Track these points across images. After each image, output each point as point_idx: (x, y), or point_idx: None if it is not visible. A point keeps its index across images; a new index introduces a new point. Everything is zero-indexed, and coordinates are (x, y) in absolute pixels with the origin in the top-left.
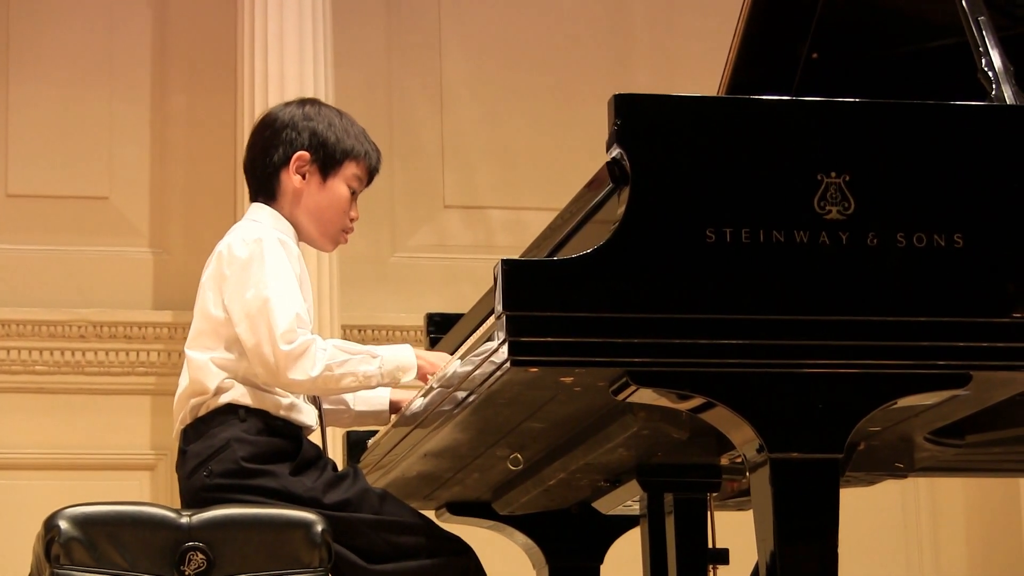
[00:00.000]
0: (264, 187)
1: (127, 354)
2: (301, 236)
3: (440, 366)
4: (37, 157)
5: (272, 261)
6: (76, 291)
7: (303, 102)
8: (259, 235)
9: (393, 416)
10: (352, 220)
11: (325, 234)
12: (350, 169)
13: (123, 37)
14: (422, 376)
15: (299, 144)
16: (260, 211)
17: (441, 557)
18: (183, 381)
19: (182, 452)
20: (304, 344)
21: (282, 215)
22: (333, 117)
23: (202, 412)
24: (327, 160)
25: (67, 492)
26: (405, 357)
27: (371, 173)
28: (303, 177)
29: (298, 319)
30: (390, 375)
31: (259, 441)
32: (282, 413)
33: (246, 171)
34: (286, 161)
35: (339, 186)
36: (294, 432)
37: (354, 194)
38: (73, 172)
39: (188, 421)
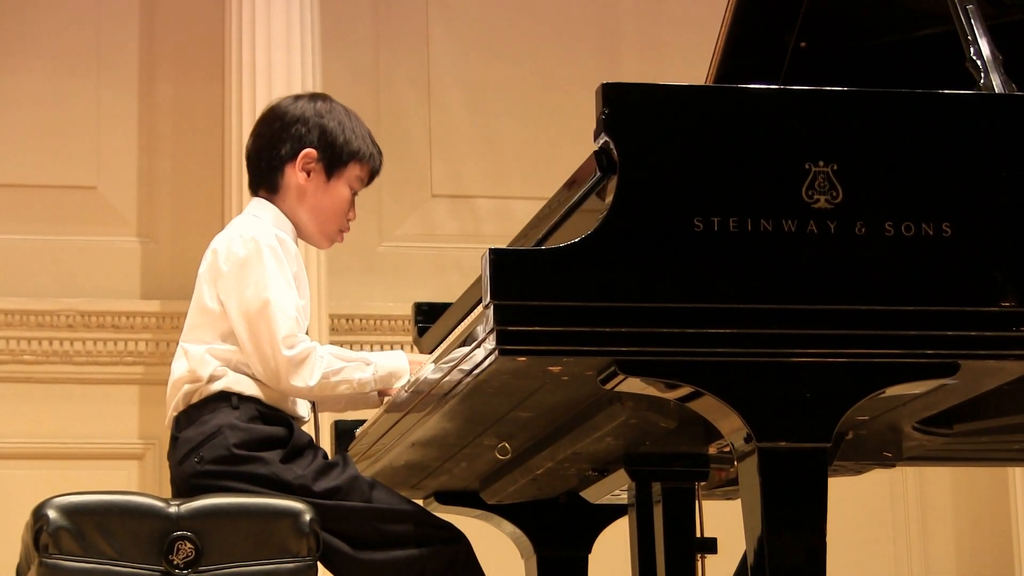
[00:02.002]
0: (266, 179)
1: (115, 343)
2: (300, 233)
3: None
4: (24, 146)
5: (271, 261)
6: (64, 280)
7: (314, 97)
8: (257, 234)
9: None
10: (350, 220)
11: (322, 232)
12: (354, 171)
13: (111, 26)
14: None
15: (308, 141)
16: (262, 207)
17: (430, 546)
18: (179, 369)
19: (174, 439)
20: (305, 351)
21: (282, 211)
22: (343, 116)
23: (195, 399)
24: (333, 160)
25: (55, 481)
26: (398, 363)
27: (372, 175)
28: (308, 175)
29: (296, 323)
30: (383, 381)
31: (251, 428)
32: (275, 402)
33: (249, 160)
34: (293, 156)
35: (342, 187)
36: (286, 420)
37: (354, 195)
38: (60, 161)
39: (181, 408)
